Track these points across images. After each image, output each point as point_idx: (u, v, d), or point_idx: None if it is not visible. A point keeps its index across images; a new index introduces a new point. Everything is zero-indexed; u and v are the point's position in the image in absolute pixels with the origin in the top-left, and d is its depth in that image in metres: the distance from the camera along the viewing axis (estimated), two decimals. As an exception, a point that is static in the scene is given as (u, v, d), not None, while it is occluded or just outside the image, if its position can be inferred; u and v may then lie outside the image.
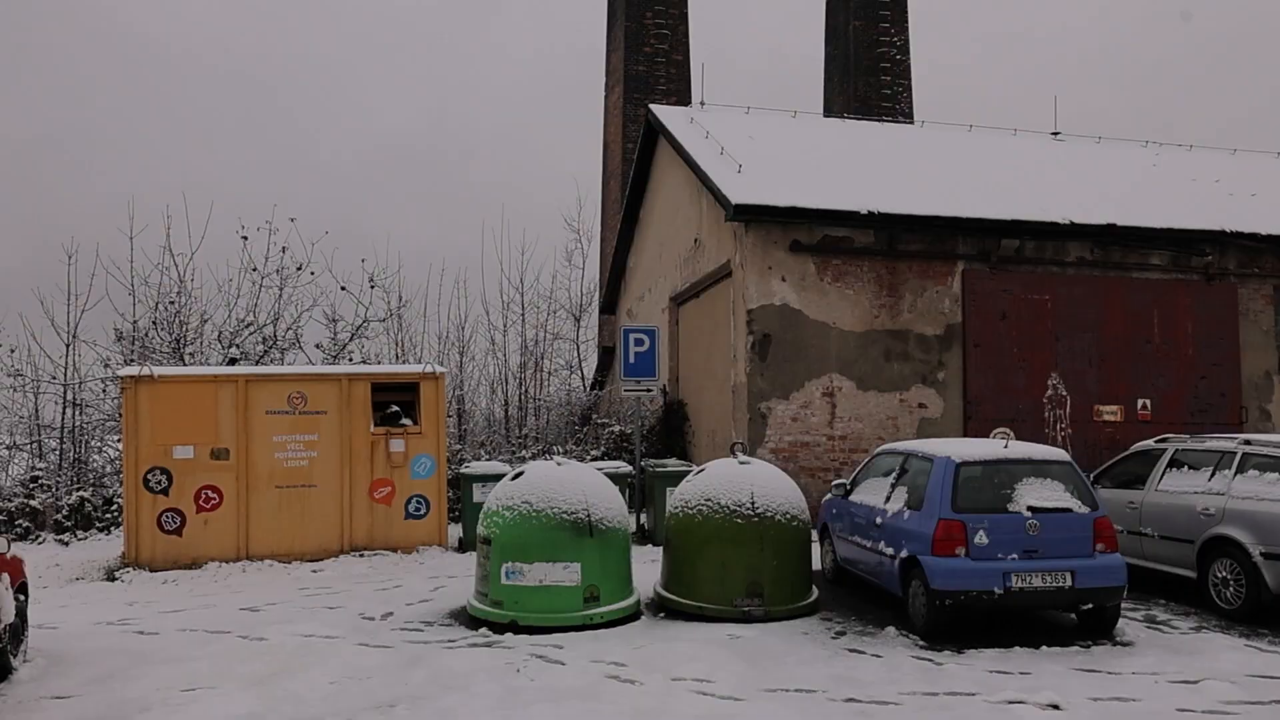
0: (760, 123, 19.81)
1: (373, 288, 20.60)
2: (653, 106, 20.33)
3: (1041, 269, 15.66)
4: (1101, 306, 15.71)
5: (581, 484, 8.47)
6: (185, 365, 17.36)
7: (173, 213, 19.10)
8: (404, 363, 20.12)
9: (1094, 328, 15.64)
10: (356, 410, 12.41)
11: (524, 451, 17.75)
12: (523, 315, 23.23)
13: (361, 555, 12.08)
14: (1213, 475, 9.31)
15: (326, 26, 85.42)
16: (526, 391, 22.28)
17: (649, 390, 14.42)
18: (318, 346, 19.93)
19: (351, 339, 20.17)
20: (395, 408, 12.76)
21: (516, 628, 8.05)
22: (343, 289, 20.38)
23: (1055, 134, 22.30)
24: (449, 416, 18.90)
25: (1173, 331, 15.95)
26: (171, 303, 18.60)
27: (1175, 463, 9.94)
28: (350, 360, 19.56)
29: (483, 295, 35.93)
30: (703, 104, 20.70)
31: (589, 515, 8.26)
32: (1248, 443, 9.25)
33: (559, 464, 8.77)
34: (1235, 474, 9.06)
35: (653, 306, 20.69)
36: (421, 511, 12.51)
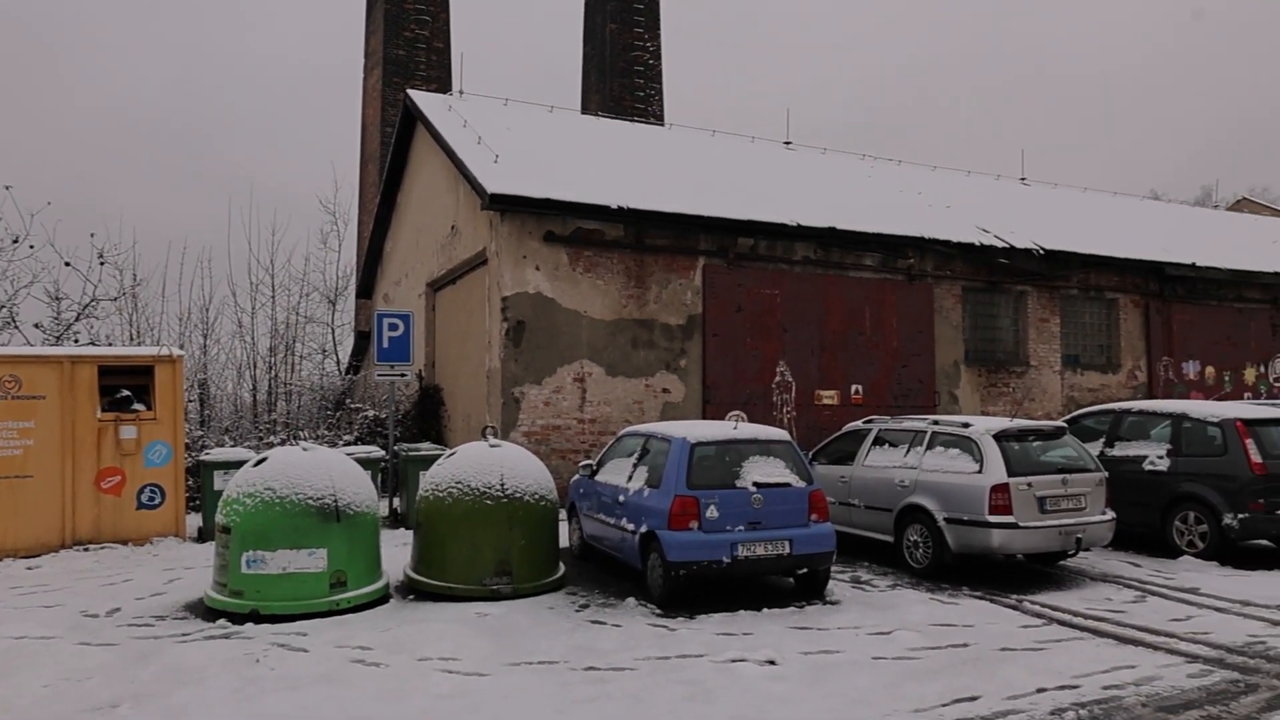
0: (518, 115, 20.06)
1: (102, 264, 19.10)
2: (411, 92, 20.07)
3: (773, 266, 16.96)
4: (823, 301, 17.25)
5: (329, 469, 8.42)
6: None
7: None
8: (139, 345, 18.77)
9: (816, 320, 17.15)
10: (81, 395, 11.56)
11: (272, 438, 17.10)
12: (273, 298, 22.30)
13: (87, 549, 11.30)
14: (908, 451, 10.60)
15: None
16: (277, 376, 21.40)
17: (403, 375, 14.35)
18: (37, 326, 18.24)
19: (78, 319, 18.59)
20: (126, 392, 11.98)
21: (258, 617, 7.88)
22: (67, 264, 18.75)
23: (787, 143, 24.07)
24: (190, 402, 17.87)
25: (881, 325, 17.78)
26: None
27: (879, 441, 11.20)
28: (76, 341, 18.03)
29: (229, 277, 33.94)
30: (461, 93, 20.68)
31: (336, 500, 8.24)
32: (936, 423, 10.60)
33: (305, 449, 8.65)
34: (926, 450, 10.37)
35: (410, 292, 20.46)
36: (156, 501, 11.85)
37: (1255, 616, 8.17)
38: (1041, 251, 19.22)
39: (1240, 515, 10.54)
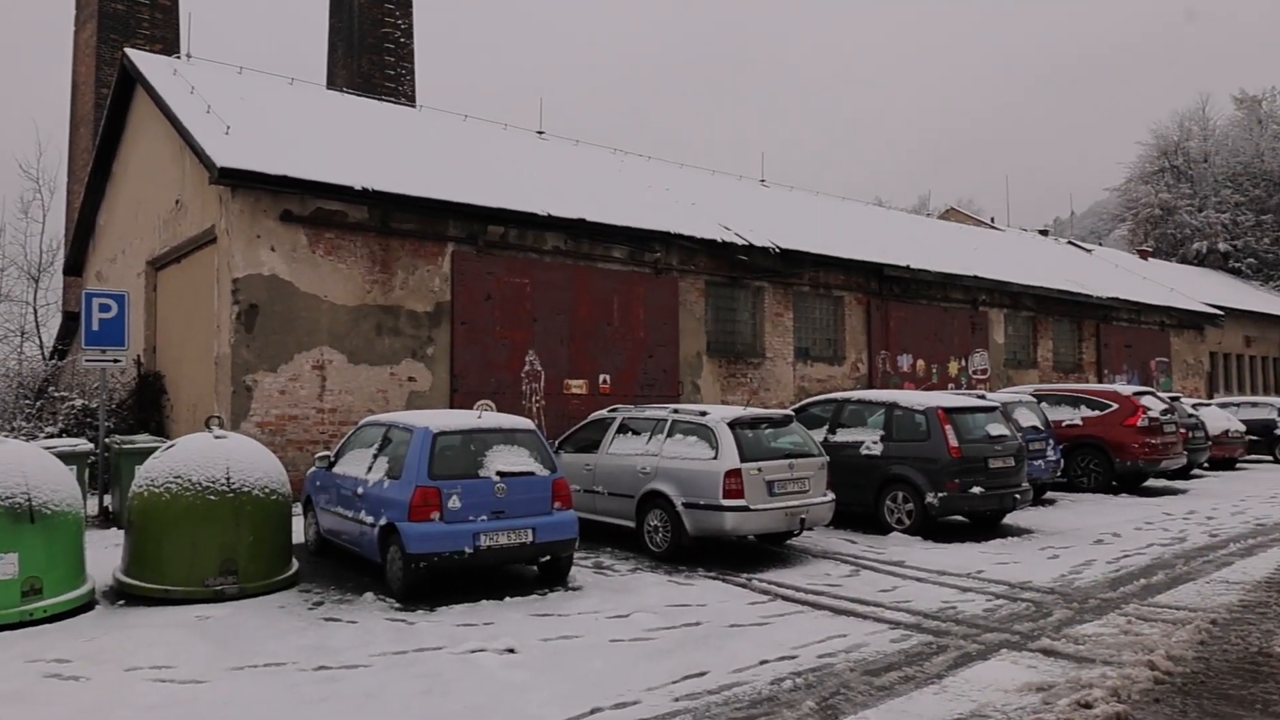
0: (255, 85, 18.84)
1: None
2: (130, 51, 18.33)
3: (523, 255, 16.95)
4: (573, 292, 17.45)
5: (20, 464, 7.54)
6: None
7: None
8: None
9: (566, 310, 17.33)
10: None
11: (-49, 432, 15.10)
12: (-43, 272, 19.67)
13: None
14: (650, 439, 10.92)
15: None
16: (-41, 361, 18.93)
17: (117, 361, 13.10)
18: None
19: None
20: None
21: (-68, 634, 6.97)
22: None
23: (540, 133, 24.16)
24: None
25: (629, 316, 18.23)
26: None
27: (623, 429, 11.46)
28: None
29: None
30: (190, 56, 19.14)
31: (29, 499, 7.40)
32: (676, 411, 11.00)
33: (-8, 443, 7.72)
34: (666, 438, 10.73)
35: (128, 270, 18.73)
36: None
37: (949, 585, 9.08)
38: (778, 250, 20.41)
39: (940, 494, 11.68)
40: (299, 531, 10.26)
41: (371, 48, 25.24)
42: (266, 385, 14.07)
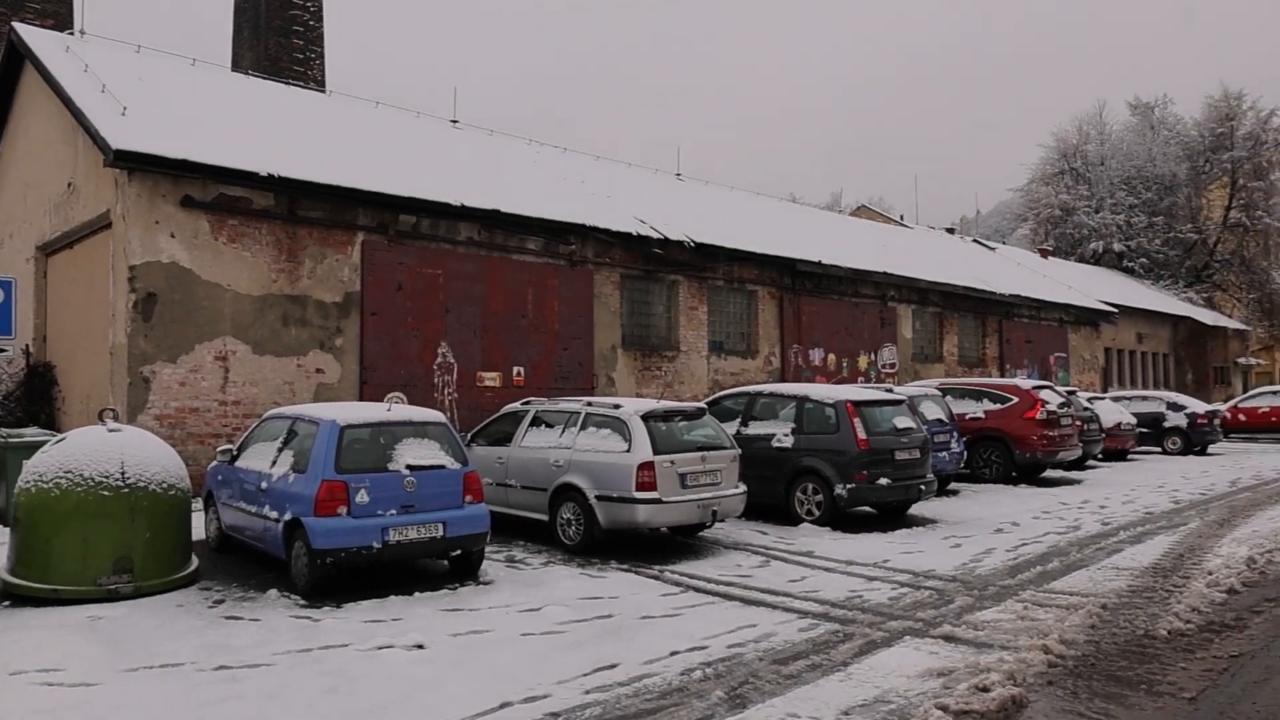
0: (154, 65, 18.13)
1: None
2: (18, 25, 17.47)
3: (436, 245, 16.70)
4: (486, 283, 17.27)
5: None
6: None
7: None
8: None
9: (479, 302, 17.14)
10: None
11: None
12: None
13: None
14: (563, 432, 10.88)
15: None
16: None
17: (3, 350, 12.52)
18: None
19: None
20: None
21: None
22: None
23: (454, 122, 23.82)
24: None
25: (543, 308, 18.13)
26: None
27: (536, 422, 11.40)
28: None
29: None
30: (83, 33, 18.28)
31: (-94, 496, 7.01)
32: (590, 404, 10.98)
33: None
34: (580, 431, 10.70)
35: (15, 255, 17.87)
36: None
37: (856, 574, 9.27)
38: (692, 244, 20.53)
39: (849, 485, 11.91)
40: (199, 528, 9.97)
41: (279, 30, 24.49)
42: (166, 377, 13.58)
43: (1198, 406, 24.76)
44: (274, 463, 8.91)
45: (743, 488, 10.88)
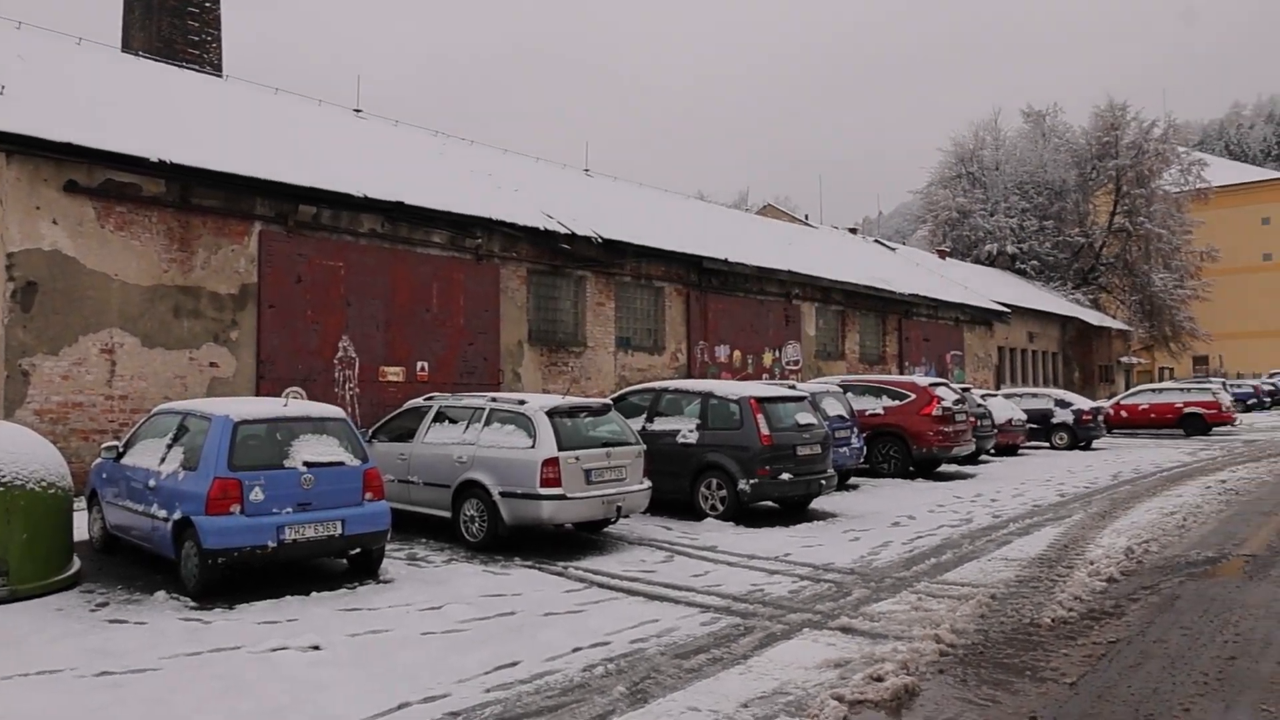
0: (36, 43, 17.27)
1: None
2: (-119, -8, 16.40)
3: (337, 237, 16.31)
4: (390, 276, 16.94)
5: None
6: None
7: None
8: None
9: (383, 295, 16.81)
10: None
11: None
12: None
13: None
14: (467, 428, 10.75)
15: None
16: None
17: None
18: None
19: None
20: None
21: None
22: None
23: (357, 111, 23.32)
24: None
25: (448, 303, 17.89)
26: None
27: (440, 417, 11.24)
28: None
29: None
30: (-44, 4, 17.30)
31: None
32: (494, 400, 10.87)
33: None
34: (484, 427, 10.59)
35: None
36: None
37: (758, 568, 9.41)
38: (600, 240, 20.52)
39: (752, 480, 12.07)
40: (82, 528, 9.57)
41: (173, 10, 23.43)
42: (46, 370, 12.95)
43: (1083, 404, 25.84)
44: (163, 460, 8.56)
45: (648, 483, 10.92)
